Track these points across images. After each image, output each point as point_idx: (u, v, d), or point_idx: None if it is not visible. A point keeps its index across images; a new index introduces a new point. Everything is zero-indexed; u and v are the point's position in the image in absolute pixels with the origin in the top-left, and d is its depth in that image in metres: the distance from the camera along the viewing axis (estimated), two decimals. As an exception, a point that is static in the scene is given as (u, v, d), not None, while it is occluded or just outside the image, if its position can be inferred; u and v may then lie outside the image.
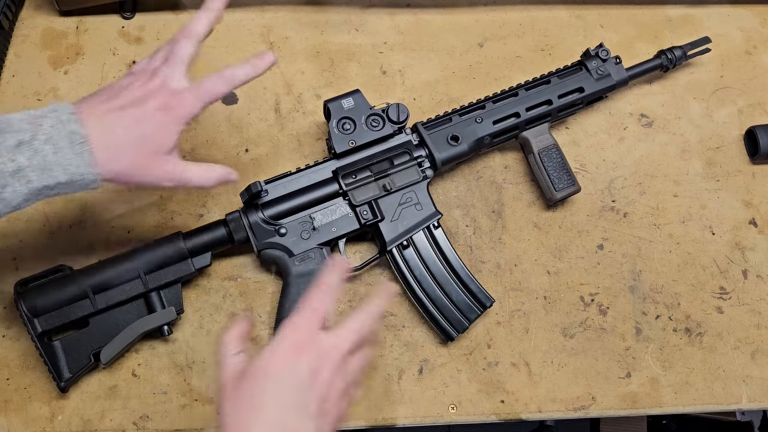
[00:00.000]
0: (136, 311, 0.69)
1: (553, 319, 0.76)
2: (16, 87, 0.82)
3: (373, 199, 0.72)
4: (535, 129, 0.78)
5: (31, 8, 0.86)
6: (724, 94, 0.88)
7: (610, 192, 0.82)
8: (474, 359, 0.74)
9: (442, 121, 0.76)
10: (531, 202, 0.81)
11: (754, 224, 0.82)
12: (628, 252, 0.79)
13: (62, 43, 0.84)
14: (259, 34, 0.87)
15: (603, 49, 0.79)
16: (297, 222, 0.71)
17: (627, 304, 0.77)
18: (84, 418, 0.69)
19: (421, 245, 0.73)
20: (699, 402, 0.74)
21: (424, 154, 0.74)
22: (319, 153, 0.81)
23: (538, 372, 0.74)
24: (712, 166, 0.84)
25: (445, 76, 0.86)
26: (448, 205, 0.80)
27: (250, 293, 0.75)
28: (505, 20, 0.90)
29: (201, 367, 0.72)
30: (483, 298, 0.73)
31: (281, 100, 0.83)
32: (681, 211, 0.82)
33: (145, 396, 0.71)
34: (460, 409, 0.72)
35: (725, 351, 0.76)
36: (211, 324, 0.73)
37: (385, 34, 0.88)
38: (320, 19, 0.88)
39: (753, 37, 0.91)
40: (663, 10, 0.91)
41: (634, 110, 0.86)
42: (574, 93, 0.78)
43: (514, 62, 0.87)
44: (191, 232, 0.70)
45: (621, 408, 0.74)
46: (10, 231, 0.75)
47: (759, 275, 0.80)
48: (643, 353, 0.76)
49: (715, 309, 0.78)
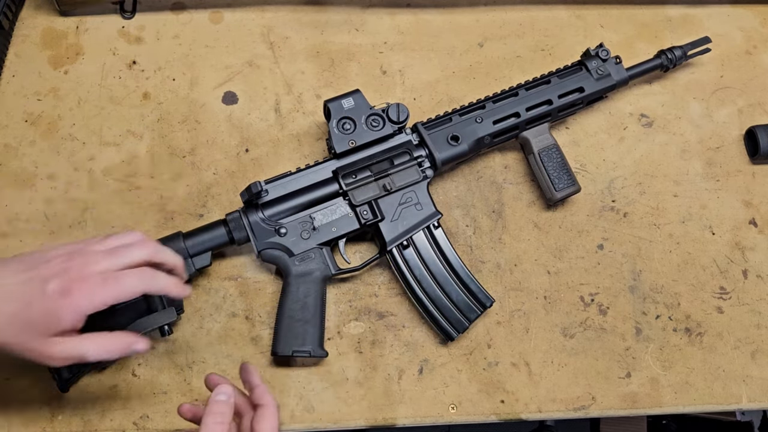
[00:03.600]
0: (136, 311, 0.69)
1: (553, 319, 0.76)
2: (16, 87, 0.82)
3: (373, 199, 0.72)
4: (535, 129, 0.78)
5: (31, 8, 0.86)
6: (724, 94, 0.88)
7: (610, 192, 0.82)
8: (474, 359, 0.74)
9: (442, 121, 0.76)
10: (531, 202, 0.81)
11: (754, 224, 0.82)
12: (628, 252, 0.79)
13: (62, 43, 0.84)
14: (259, 34, 0.87)
15: (603, 49, 0.79)
16: (297, 222, 0.71)
17: (627, 304, 0.77)
18: (84, 418, 0.69)
19: (421, 245, 0.73)
20: (699, 402, 0.74)
21: (424, 154, 0.74)
22: (319, 153, 0.81)
23: (538, 372, 0.74)
24: (712, 166, 0.84)
25: (445, 76, 0.86)
26: (448, 205, 0.80)
27: (250, 293, 0.75)
28: (505, 20, 0.90)
29: (201, 367, 0.72)
30: (483, 298, 0.73)
31: (281, 100, 0.83)
32: (681, 211, 0.82)
33: (145, 396, 0.71)
34: (460, 409, 0.72)
35: (725, 351, 0.76)
36: (211, 324, 0.73)
37: (385, 34, 0.88)
38: (320, 19, 0.88)
39: (753, 37, 0.91)
40: (663, 10, 0.91)
41: (634, 110, 0.86)
42: (574, 93, 0.78)
43: (514, 62, 0.87)
44: (191, 232, 0.70)
45: (621, 408, 0.74)
46: (10, 231, 0.75)
47: (759, 275, 0.79)
48: (643, 353, 0.76)
49: (715, 309, 0.78)
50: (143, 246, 0.57)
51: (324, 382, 0.72)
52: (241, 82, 0.84)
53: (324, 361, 0.73)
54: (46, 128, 0.80)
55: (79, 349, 0.54)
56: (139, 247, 0.57)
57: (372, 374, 0.73)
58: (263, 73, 0.85)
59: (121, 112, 0.81)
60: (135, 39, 0.85)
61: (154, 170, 0.79)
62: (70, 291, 0.53)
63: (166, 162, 0.79)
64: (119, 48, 0.84)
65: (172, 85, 0.83)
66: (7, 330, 0.52)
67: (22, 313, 0.52)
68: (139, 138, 0.80)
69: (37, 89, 0.82)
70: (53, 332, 0.53)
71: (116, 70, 0.83)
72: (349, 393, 0.72)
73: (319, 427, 0.71)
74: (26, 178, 0.78)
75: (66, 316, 0.53)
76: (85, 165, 0.79)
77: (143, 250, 0.57)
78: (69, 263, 0.54)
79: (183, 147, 0.80)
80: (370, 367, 0.73)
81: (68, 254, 0.55)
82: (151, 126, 0.81)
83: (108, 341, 0.55)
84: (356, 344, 0.74)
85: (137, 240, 0.58)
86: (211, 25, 0.87)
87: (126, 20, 0.86)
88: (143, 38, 0.85)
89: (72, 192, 0.77)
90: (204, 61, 0.85)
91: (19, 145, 0.79)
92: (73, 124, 0.80)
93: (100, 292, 0.53)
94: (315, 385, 0.72)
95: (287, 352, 0.69)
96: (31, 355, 0.53)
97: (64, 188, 0.77)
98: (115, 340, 0.56)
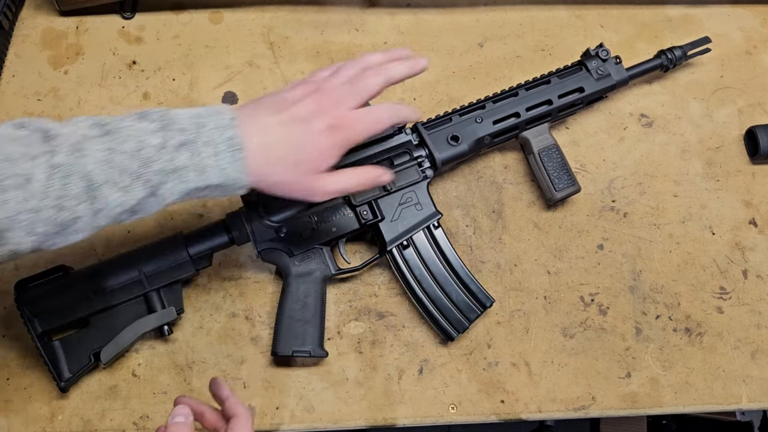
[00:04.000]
0: (136, 311, 0.69)
1: (553, 319, 0.76)
2: (17, 87, 0.82)
3: (373, 199, 0.72)
4: (535, 129, 0.78)
5: (31, 8, 0.86)
6: (724, 94, 0.88)
7: (610, 192, 0.82)
8: (474, 359, 0.74)
9: (442, 121, 0.76)
10: (531, 202, 0.81)
11: (754, 224, 0.82)
12: (628, 252, 0.79)
13: (62, 43, 0.84)
14: (259, 34, 0.87)
15: (603, 49, 0.79)
16: (297, 222, 0.71)
17: (627, 304, 0.77)
18: (84, 418, 0.69)
19: (421, 245, 0.73)
20: (699, 402, 0.74)
21: (424, 154, 0.74)
22: (319, 153, 0.81)
23: (538, 372, 0.74)
24: (712, 166, 0.84)
25: (445, 76, 0.86)
26: (448, 205, 0.80)
27: (250, 293, 0.75)
28: (505, 20, 0.90)
29: (201, 367, 0.72)
30: (483, 298, 0.73)
31: (281, 100, 0.83)
32: (681, 211, 0.82)
33: (145, 396, 0.71)
34: (460, 409, 0.72)
35: (725, 351, 0.76)
36: (211, 324, 0.73)
37: (385, 34, 0.88)
38: (320, 19, 0.88)
39: (753, 37, 0.91)
40: (663, 10, 0.91)
41: (634, 110, 0.86)
42: (574, 93, 0.78)
43: (514, 62, 0.87)
44: (192, 233, 0.70)
45: (621, 408, 0.74)
46: (10, 231, 0.75)
47: (759, 275, 0.80)
48: (643, 353, 0.76)
49: (715, 309, 0.78)
50: (376, 73, 0.58)
51: (324, 382, 0.72)
52: (241, 82, 0.84)
53: (324, 361, 0.73)
54: (46, 128, 0.80)
55: (343, 182, 0.57)
56: (373, 76, 0.58)
57: (372, 374, 0.73)
58: (263, 73, 0.85)
59: (121, 112, 0.80)
60: (135, 39, 0.85)
61: (154, 170, 0.79)
62: (336, 128, 0.55)
63: (166, 162, 0.79)
64: (119, 48, 0.84)
65: (172, 85, 0.83)
66: (280, 170, 0.54)
67: (293, 154, 0.54)
68: (139, 138, 0.80)
69: (37, 89, 0.82)
70: (323, 169, 0.56)
71: (116, 70, 0.83)
72: (349, 393, 0.72)
73: (319, 427, 0.71)
74: (26, 178, 0.78)
75: (334, 152, 0.55)
76: (85, 165, 0.78)
77: (378, 77, 0.58)
78: (320, 104, 0.56)
79: (183, 147, 0.80)
80: (370, 367, 0.73)
81: (313, 94, 0.56)
82: (151, 126, 0.81)
83: (361, 174, 0.59)
84: (356, 344, 0.74)
85: (366, 66, 0.59)
86: (211, 25, 0.87)
87: (126, 20, 0.86)
88: (143, 38, 0.85)
89: (72, 192, 0.77)
90: (204, 61, 0.85)
91: (19, 145, 0.79)
92: (73, 124, 0.80)
93: (360, 127, 0.56)
94: (315, 385, 0.72)
95: (287, 352, 0.69)
96: (302, 193, 0.56)
97: (64, 188, 0.77)
98: (366, 173, 0.59)
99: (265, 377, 0.72)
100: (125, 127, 0.51)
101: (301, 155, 0.55)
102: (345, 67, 0.59)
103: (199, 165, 0.51)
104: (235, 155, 0.52)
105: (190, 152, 0.51)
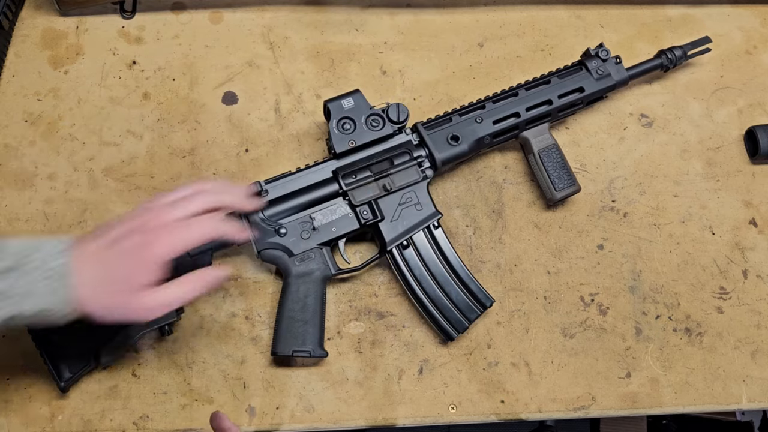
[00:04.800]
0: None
1: (553, 319, 0.76)
2: (16, 87, 0.82)
3: (373, 199, 0.72)
4: (535, 129, 0.78)
5: (31, 8, 0.86)
6: (724, 94, 0.88)
7: (610, 192, 0.82)
8: (474, 359, 0.74)
9: (442, 121, 0.76)
10: (531, 202, 0.81)
11: (754, 224, 0.82)
12: (628, 252, 0.79)
13: (62, 43, 0.84)
14: (259, 34, 0.87)
15: (603, 49, 0.79)
16: (297, 222, 0.71)
17: (627, 304, 0.77)
18: (84, 418, 0.69)
19: (421, 245, 0.73)
20: (699, 402, 0.74)
21: (424, 154, 0.74)
22: (319, 153, 0.81)
23: (538, 372, 0.74)
24: (712, 166, 0.84)
25: (445, 76, 0.86)
26: (448, 205, 0.80)
27: (250, 293, 0.75)
28: (505, 20, 0.90)
29: (201, 367, 0.72)
30: (483, 298, 0.73)
31: (281, 100, 0.83)
32: (681, 211, 0.82)
33: (145, 396, 0.71)
34: (460, 409, 0.72)
35: (725, 351, 0.76)
36: (211, 324, 0.73)
37: (385, 34, 0.88)
38: (320, 19, 0.88)
39: (753, 37, 0.91)
40: (663, 10, 0.91)
41: (634, 110, 0.86)
42: (574, 93, 0.78)
43: (514, 62, 0.87)
44: (191, 233, 0.70)
45: (621, 408, 0.74)
46: (10, 231, 0.75)
47: (759, 275, 0.80)
48: (643, 353, 0.76)
49: (715, 309, 0.78)
50: (204, 195, 0.60)
51: (324, 382, 0.72)
52: (241, 82, 0.84)
53: (324, 361, 0.73)
54: (45, 128, 0.80)
55: (171, 294, 0.56)
56: (201, 197, 0.59)
57: (372, 374, 0.73)
58: (263, 73, 0.85)
59: (121, 112, 0.81)
60: (135, 39, 0.85)
61: (154, 170, 0.79)
62: (148, 244, 0.55)
63: (166, 162, 0.79)
64: (119, 48, 0.84)
65: (172, 85, 0.83)
66: (98, 294, 0.54)
67: (107, 274, 0.54)
68: (139, 138, 0.80)
69: (37, 89, 0.82)
70: (140, 286, 0.55)
71: (116, 70, 0.83)
72: (349, 393, 0.72)
73: (319, 427, 0.71)
74: (26, 178, 0.78)
75: (149, 267, 0.55)
76: (85, 165, 0.79)
77: (205, 198, 0.59)
78: (140, 219, 0.56)
79: (183, 147, 0.80)
80: (370, 367, 0.73)
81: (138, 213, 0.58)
82: (151, 126, 0.81)
83: (192, 283, 0.57)
84: (356, 344, 0.74)
85: (197, 190, 0.60)
86: (211, 25, 0.87)
87: (126, 20, 0.86)
88: (143, 38, 0.85)
89: (72, 192, 0.77)
90: (204, 61, 0.85)
91: (19, 145, 0.79)
92: (73, 124, 0.80)
93: (174, 240, 0.56)
94: (315, 385, 0.72)
95: (287, 352, 0.69)
96: (126, 314, 0.55)
97: (64, 188, 0.77)
98: (198, 280, 0.58)
99: (265, 377, 0.72)
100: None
101: (114, 274, 0.54)
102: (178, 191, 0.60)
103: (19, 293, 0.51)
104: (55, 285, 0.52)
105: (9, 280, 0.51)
